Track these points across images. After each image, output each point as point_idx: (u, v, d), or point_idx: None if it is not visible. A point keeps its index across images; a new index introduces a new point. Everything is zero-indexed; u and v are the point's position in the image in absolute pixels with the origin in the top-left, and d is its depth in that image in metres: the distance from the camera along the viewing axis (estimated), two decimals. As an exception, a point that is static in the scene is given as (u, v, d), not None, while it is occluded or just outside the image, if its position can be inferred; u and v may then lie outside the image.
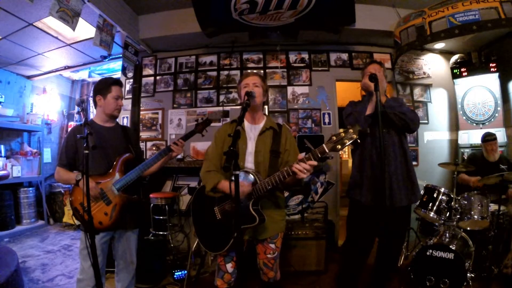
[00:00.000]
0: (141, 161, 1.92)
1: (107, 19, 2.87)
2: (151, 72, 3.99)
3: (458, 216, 2.55)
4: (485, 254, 2.58)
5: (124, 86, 3.94)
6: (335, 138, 1.34)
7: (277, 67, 3.82)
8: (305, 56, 3.85)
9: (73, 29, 2.52)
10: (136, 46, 3.66)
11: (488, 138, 3.02)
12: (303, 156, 1.40)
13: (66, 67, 4.58)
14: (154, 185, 3.64)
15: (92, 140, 1.46)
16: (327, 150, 1.34)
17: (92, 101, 2.08)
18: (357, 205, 2.07)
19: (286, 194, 3.45)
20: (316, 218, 3.35)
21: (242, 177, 1.56)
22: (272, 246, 1.69)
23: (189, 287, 2.60)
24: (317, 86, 3.79)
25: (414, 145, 3.77)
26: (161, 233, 3.09)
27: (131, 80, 3.97)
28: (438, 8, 2.94)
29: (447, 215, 2.61)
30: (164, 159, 1.92)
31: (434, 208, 2.62)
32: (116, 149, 1.87)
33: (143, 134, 3.89)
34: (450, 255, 2.24)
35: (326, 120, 3.74)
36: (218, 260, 1.72)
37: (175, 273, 2.75)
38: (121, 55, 3.61)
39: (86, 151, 1.43)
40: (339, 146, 1.33)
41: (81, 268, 1.76)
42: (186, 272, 2.75)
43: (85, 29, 3.20)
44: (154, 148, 3.84)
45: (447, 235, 2.48)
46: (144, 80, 3.98)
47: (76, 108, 5.66)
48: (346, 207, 2.27)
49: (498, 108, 3.49)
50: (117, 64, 4.56)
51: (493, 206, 2.58)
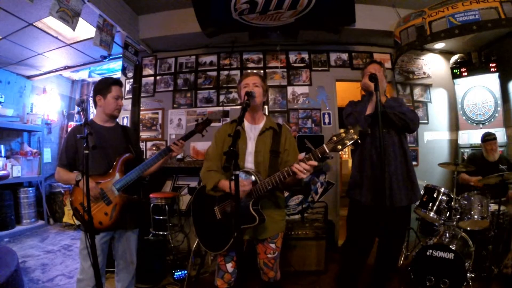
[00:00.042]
0: (141, 161, 1.92)
1: (107, 19, 2.87)
2: (151, 72, 3.99)
3: (458, 216, 2.55)
4: (485, 254, 2.58)
5: (124, 86, 3.94)
6: (335, 138, 1.34)
7: (277, 67, 3.82)
8: (305, 56, 3.84)
9: (73, 29, 2.52)
10: (136, 46, 3.66)
11: (488, 138, 3.03)
12: (303, 156, 1.40)
13: (66, 67, 4.58)
14: (154, 185, 3.64)
15: (92, 140, 1.45)
16: (327, 151, 1.34)
17: (92, 101, 2.08)
18: (357, 205, 2.07)
19: (286, 194, 3.45)
20: (316, 218, 3.35)
21: (242, 177, 1.56)
22: (273, 246, 1.70)
23: (189, 287, 2.60)
24: (317, 86, 3.79)
25: (414, 145, 3.77)
26: (161, 233, 3.09)
27: (131, 80, 3.97)
28: (438, 8, 2.94)
29: (447, 215, 2.61)
30: (164, 159, 1.92)
31: (434, 208, 2.62)
32: (116, 149, 1.87)
33: (143, 134, 3.89)
34: (450, 255, 2.24)
35: (326, 120, 3.74)
36: (218, 260, 1.72)
37: (175, 273, 2.75)
38: (121, 55, 3.61)
39: (86, 151, 1.43)
40: (340, 147, 1.32)
41: (81, 268, 1.76)
42: (186, 272, 2.75)
43: (85, 29, 3.20)
44: (154, 148, 3.84)
45: (447, 235, 2.48)
46: (144, 80, 3.98)
47: (76, 108, 5.66)
48: (346, 207, 2.27)
49: (498, 108, 3.49)
50: (117, 64, 4.56)
51: (493, 206, 2.58)
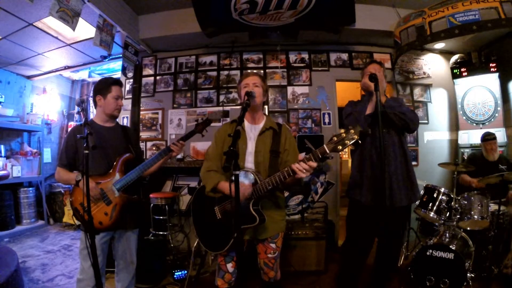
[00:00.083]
0: (141, 161, 1.92)
1: (107, 19, 2.87)
2: (151, 72, 3.99)
3: (458, 216, 2.55)
4: (485, 254, 2.58)
5: (124, 86, 3.94)
6: (336, 138, 1.34)
7: (277, 67, 3.82)
8: (305, 56, 3.84)
9: (73, 29, 2.52)
10: (136, 46, 3.66)
11: (488, 138, 3.03)
12: (303, 156, 1.40)
13: (66, 67, 4.58)
14: (154, 185, 3.64)
15: (92, 140, 1.45)
16: (328, 151, 1.34)
17: (92, 101, 2.08)
18: (357, 205, 2.07)
19: (286, 194, 3.45)
20: (316, 218, 3.35)
21: (242, 177, 1.56)
22: (273, 245, 1.70)
23: (189, 287, 2.60)
24: (317, 86, 3.79)
25: (414, 145, 3.77)
26: (161, 233, 3.09)
27: (131, 80, 3.97)
28: (438, 8, 2.94)
29: (447, 215, 2.61)
30: (164, 159, 1.92)
31: (434, 208, 2.62)
32: (116, 149, 1.87)
33: (143, 134, 3.89)
34: (450, 255, 2.24)
35: (326, 120, 3.74)
36: (218, 260, 1.73)
37: (175, 273, 2.75)
38: (121, 55, 3.61)
39: (86, 151, 1.43)
40: (340, 147, 1.32)
41: (81, 268, 1.76)
42: (186, 272, 2.75)
43: (85, 29, 3.20)
44: (154, 148, 3.84)
45: (447, 235, 2.48)
46: (144, 80, 3.98)
47: (76, 108, 5.66)
48: (346, 207, 2.27)
49: (498, 108, 3.49)
50: (117, 64, 4.56)
51: (493, 206, 2.58)
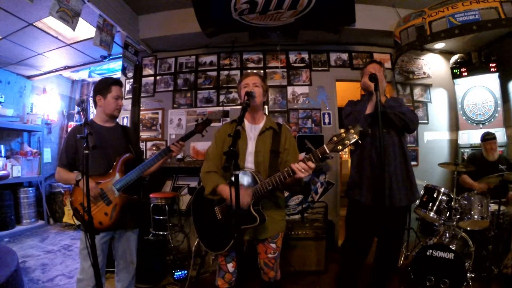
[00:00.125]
0: (141, 161, 1.92)
1: (107, 19, 2.87)
2: (151, 72, 3.99)
3: (458, 216, 2.55)
4: (485, 254, 2.58)
5: (124, 86, 3.94)
6: (336, 138, 1.34)
7: (277, 67, 3.82)
8: (305, 56, 3.84)
9: (73, 29, 2.52)
10: (136, 46, 3.66)
11: (488, 137, 3.03)
12: (303, 156, 1.40)
13: (66, 67, 4.58)
14: (154, 185, 3.64)
15: (92, 140, 1.45)
16: (328, 151, 1.34)
17: (92, 101, 2.08)
18: (356, 205, 2.07)
19: (286, 194, 3.45)
20: (316, 218, 3.35)
21: (242, 177, 1.56)
22: (273, 245, 1.70)
23: (189, 287, 2.60)
24: (317, 86, 3.79)
25: (414, 145, 3.77)
26: (161, 233, 3.08)
27: (131, 80, 3.97)
28: (438, 8, 2.94)
29: (447, 215, 2.61)
30: (164, 159, 1.93)
31: (434, 208, 2.62)
32: (116, 149, 1.87)
33: (143, 134, 3.89)
34: (450, 255, 2.24)
35: (326, 120, 3.74)
36: (219, 260, 1.73)
37: (175, 273, 2.75)
38: (121, 55, 3.61)
39: (86, 151, 1.43)
40: (340, 147, 1.32)
41: (81, 268, 1.76)
42: (186, 272, 2.75)
43: (85, 29, 3.20)
44: (154, 148, 3.84)
45: (447, 235, 2.48)
46: (144, 80, 3.98)
47: (76, 108, 5.66)
48: (346, 207, 2.26)
49: (498, 108, 3.49)
50: (117, 64, 4.56)
51: (493, 206, 2.58)
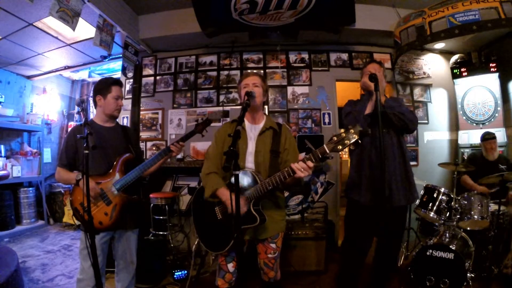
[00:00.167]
0: (141, 161, 1.92)
1: (107, 19, 2.87)
2: (151, 72, 3.99)
3: (458, 216, 2.55)
4: (485, 254, 2.58)
5: (124, 86, 3.94)
6: (336, 138, 1.34)
7: (277, 67, 3.82)
8: (305, 56, 3.84)
9: (73, 29, 2.52)
10: (136, 46, 3.66)
11: (488, 137, 3.04)
12: (303, 156, 1.40)
13: (66, 67, 4.58)
14: (154, 185, 3.64)
15: (92, 140, 1.45)
16: (327, 151, 1.34)
17: (92, 101, 2.08)
18: (355, 205, 2.07)
19: (286, 194, 3.45)
20: (316, 218, 3.35)
21: (242, 177, 1.56)
22: (273, 245, 1.70)
23: (190, 287, 2.60)
24: (317, 86, 3.79)
25: (414, 145, 3.77)
26: (161, 233, 3.08)
27: (131, 80, 3.97)
28: (438, 8, 2.94)
29: (447, 215, 2.61)
30: (164, 159, 1.93)
31: (434, 208, 2.62)
32: (116, 149, 1.87)
33: (143, 134, 3.89)
34: (450, 255, 2.24)
35: (326, 120, 3.74)
36: (219, 260, 1.73)
37: (175, 273, 2.75)
38: (121, 55, 3.61)
39: (86, 151, 1.43)
40: (340, 147, 1.32)
41: (81, 268, 1.76)
42: (186, 272, 2.75)
43: (85, 29, 3.20)
44: (154, 148, 3.84)
45: (447, 235, 2.48)
46: (144, 80, 3.98)
47: (76, 108, 5.66)
48: (345, 207, 2.27)
49: (498, 108, 3.49)
50: (117, 64, 4.56)
51: (493, 206, 2.58)
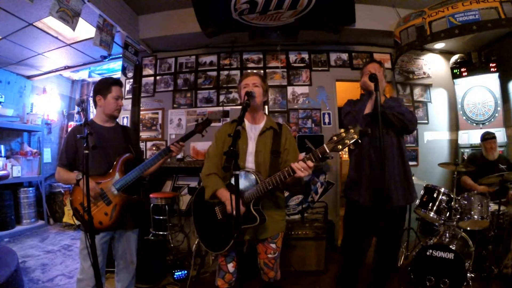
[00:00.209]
0: (141, 161, 1.92)
1: (107, 19, 2.87)
2: (151, 72, 3.99)
3: (458, 216, 2.55)
4: (485, 254, 2.58)
5: (124, 86, 3.94)
6: (336, 138, 1.34)
7: (277, 67, 3.82)
8: (305, 56, 3.84)
9: (73, 29, 2.52)
10: (136, 46, 3.66)
11: (488, 137, 3.04)
12: (303, 156, 1.40)
13: (66, 67, 4.58)
14: (154, 185, 3.64)
15: (92, 140, 1.45)
16: (327, 151, 1.34)
17: (92, 101, 2.08)
18: (354, 205, 2.06)
19: (286, 194, 3.45)
20: (316, 218, 3.35)
21: (243, 177, 1.56)
22: (273, 246, 1.69)
23: (190, 287, 2.60)
24: (317, 86, 3.79)
25: (414, 145, 3.77)
26: (161, 233, 3.08)
27: (131, 80, 3.97)
28: (438, 8, 2.94)
29: (447, 215, 2.61)
30: (164, 159, 1.93)
31: (434, 208, 2.62)
32: (116, 149, 1.87)
33: (143, 134, 3.89)
34: (450, 255, 2.24)
35: (326, 120, 3.74)
36: (219, 260, 1.72)
37: (175, 273, 2.75)
38: (121, 55, 3.61)
39: (86, 151, 1.43)
40: (340, 147, 1.32)
41: (81, 268, 1.76)
42: (186, 272, 2.75)
43: (85, 29, 3.20)
44: (154, 148, 3.84)
45: (447, 235, 2.48)
46: (144, 80, 3.98)
47: (76, 108, 5.66)
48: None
49: (498, 108, 3.49)
50: (117, 64, 4.56)
51: (493, 206, 2.58)
